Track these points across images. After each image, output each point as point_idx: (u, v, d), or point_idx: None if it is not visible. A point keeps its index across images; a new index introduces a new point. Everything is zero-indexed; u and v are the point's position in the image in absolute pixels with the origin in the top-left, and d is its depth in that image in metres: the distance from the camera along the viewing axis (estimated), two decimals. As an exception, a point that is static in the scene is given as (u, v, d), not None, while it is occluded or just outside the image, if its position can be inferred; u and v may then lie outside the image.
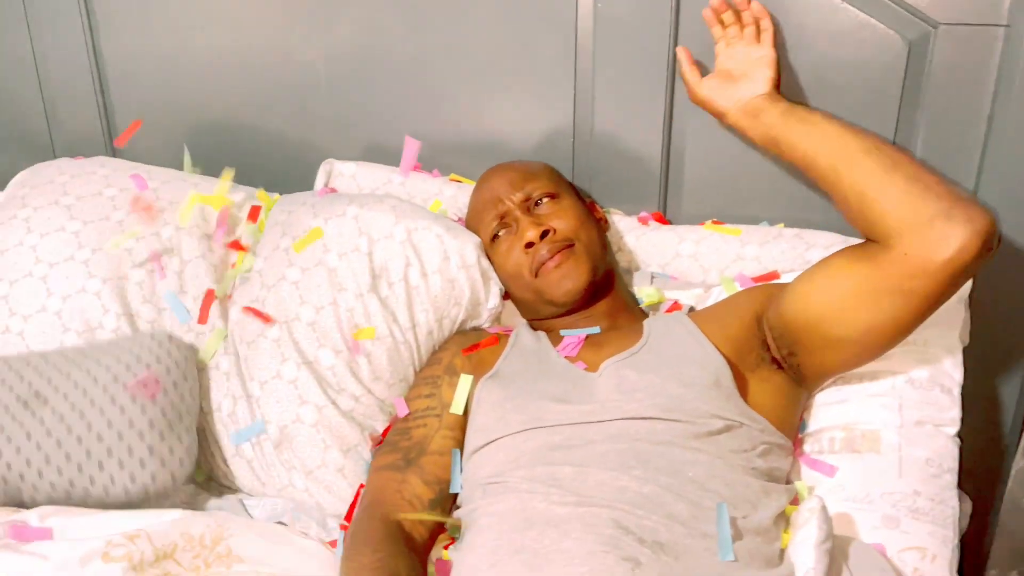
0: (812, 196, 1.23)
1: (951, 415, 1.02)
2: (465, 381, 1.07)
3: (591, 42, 1.24)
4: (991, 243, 0.88)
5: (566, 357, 1.07)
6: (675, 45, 1.19)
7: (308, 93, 1.40)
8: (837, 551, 0.85)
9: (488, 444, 0.99)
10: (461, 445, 1.06)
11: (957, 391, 1.03)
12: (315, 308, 1.14)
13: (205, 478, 1.16)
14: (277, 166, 1.50)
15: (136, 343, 1.10)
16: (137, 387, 1.03)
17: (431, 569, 0.99)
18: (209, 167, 1.37)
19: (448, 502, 1.04)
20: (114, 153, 1.52)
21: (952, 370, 1.04)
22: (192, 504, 1.09)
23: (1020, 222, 1.15)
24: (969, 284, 1.09)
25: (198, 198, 1.25)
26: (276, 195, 1.37)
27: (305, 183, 1.42)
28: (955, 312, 1.07)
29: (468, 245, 1.17)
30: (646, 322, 1.09)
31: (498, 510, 0.92)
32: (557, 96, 1.30)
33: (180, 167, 1.37)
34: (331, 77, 1.38)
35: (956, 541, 0.94)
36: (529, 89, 1.32)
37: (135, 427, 1.02)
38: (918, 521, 0.94)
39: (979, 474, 1.22)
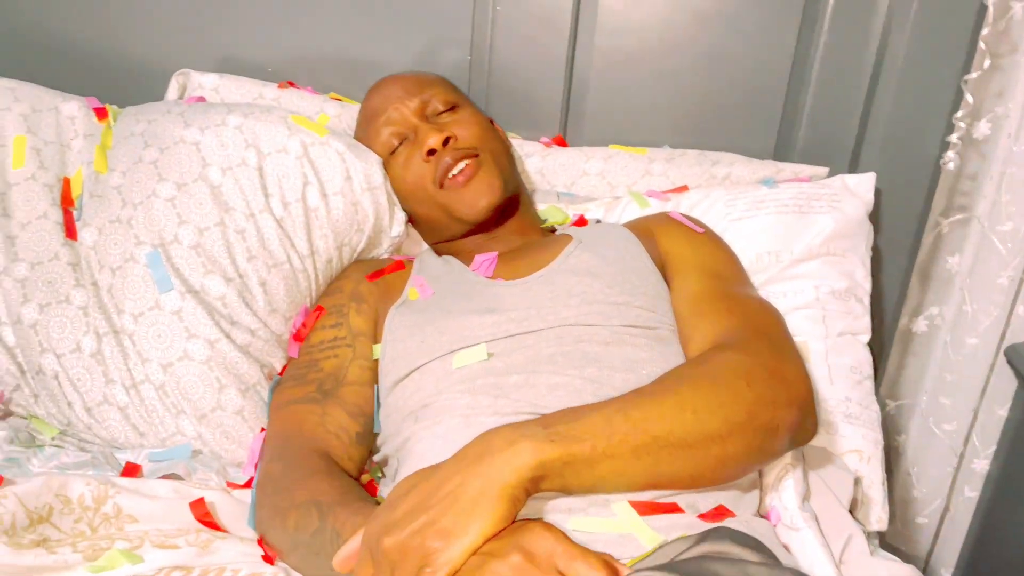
0: (712, 123, 1.25)
1: (864, 323, 1.07)
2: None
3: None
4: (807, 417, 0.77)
5: (482, 275, 0.99)
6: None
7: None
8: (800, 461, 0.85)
9: (412, 372, 0.89)
10: (376, 378, 0.95)
11: (867, 301, 1.09)
12: (198, 229, 0.97)
13: (58, 435, 0.95)
14: (105, 79, 1.27)
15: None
16: None
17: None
18: (17, 75, 1.13)
19: (372, 439, 0.92)
20: None
21: (863, 280, 1.09)
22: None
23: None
24: (872, 196, 1.14)
25: (24, 141, 1.02)
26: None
27: (146, 99, 1.21)
28: (863, 225, 1.12)
29: (373, 165, 1.05)
30: (571, 230, 1.04)
31: (439, 432, 0.81)
32: (453, 10, 1.21)
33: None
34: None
35: (883, 442, 0.99)
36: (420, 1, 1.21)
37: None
38: (852, 425, 0.97)
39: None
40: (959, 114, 1.17)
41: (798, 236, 1.08)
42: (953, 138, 1.19)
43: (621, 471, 0.68)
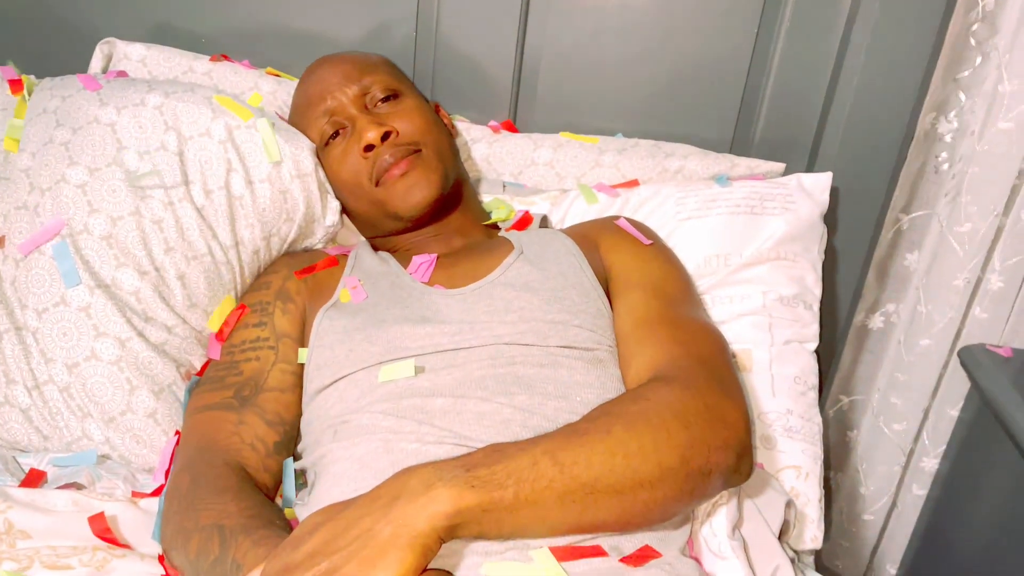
0: (669, 111, 1.20)
1: (812, 331, 1.03)
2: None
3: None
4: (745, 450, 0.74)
5: (419, 281, 0.94)
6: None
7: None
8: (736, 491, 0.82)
9: (336, 381, 0.85)
10: (300, 381, 0.90)
11: (817, 307, 1.05)
12: (111, 218, 0.91)
13: (-41, 435, 0.90)
14: (28, 45, 1.20)
15: None
16: None
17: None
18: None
19: (293, 446, 0.88)
20: None
21: (813, 286, 1.05)
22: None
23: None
24: (827, 197, 1.10)
25: None
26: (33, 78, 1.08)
27: (70, 69, 1.14)
28: (816, 228, 1.08)
29: (303, 150, 0.99)
30: (512, 235, 0.99)
31: (357, 454, 0.78)
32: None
33: None
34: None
35: (822, 457, 0.96)
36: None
37: None
38: (792, 440, 0.94)
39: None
40: (952, 113, 1.14)
41: (748, 239, 1.04)
42: (947, 138, 1.15)
43: (544, 518, 0.65)
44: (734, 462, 0.72)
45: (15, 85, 1.04)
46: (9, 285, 0.89)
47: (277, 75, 1.17)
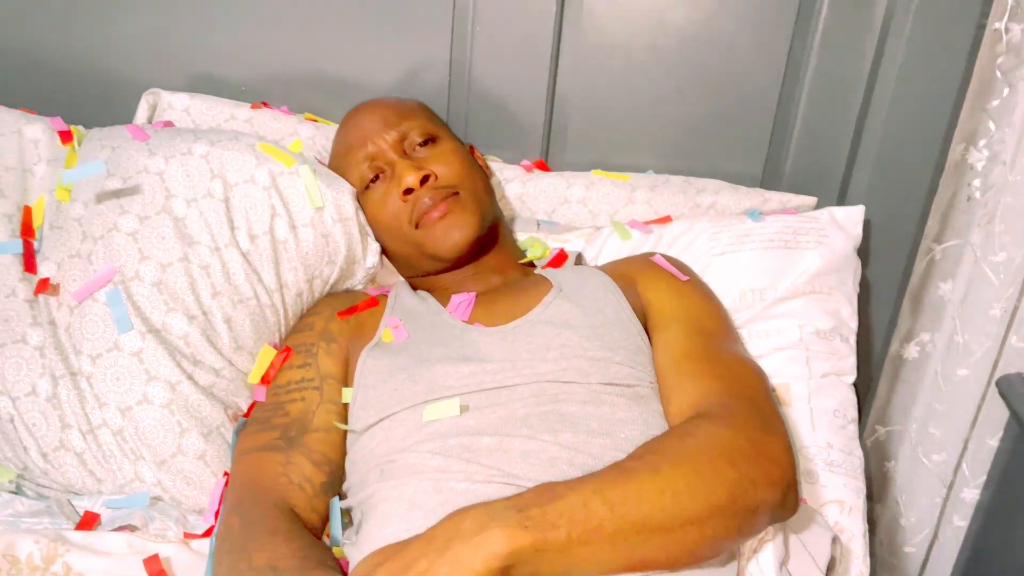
0: (699, 148, 1.22)
1: (849, 363, 1.04)
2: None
3: (472, -29, 1.13)
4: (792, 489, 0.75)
5: (459, 319, 0.96)
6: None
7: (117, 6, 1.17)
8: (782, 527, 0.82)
9: (381, 421, 0.86)
10: (345, 421, 0.92)
11: (853, 339, 1.05)
12: (160, 265, 0.94)
13: (15, 478, 0.92)
14: (76, 98, 1.24)
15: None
16: None
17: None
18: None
19: (339, 485, 0.90)
20: None
21: (849, 319, 1.06)
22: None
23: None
24: (860, 230, 1.11)
25: None
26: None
27: (116, 119, 1.18)
28: (851, 261, 1.09)
29: (344, 195, 1.02)
30: (549, 272, 1.00)
31: (405, 494, 0.79)
32: (432, 30, 1.17)
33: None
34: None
35: (865, 491, 0.96)
36: (398, 19, 1.17)
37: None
38: (833, 474, 0.94)
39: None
40: (982, 142, 1.14)
41: (783, 273, 1.05)
42: (979, 166, 1.16)
43: (595, 557, 0.66)
44: (780, 497, 0.72)
45: (65, 136, 1.08)
46: (64, 331, 0.92)
47: (315, 120, 1.20)
